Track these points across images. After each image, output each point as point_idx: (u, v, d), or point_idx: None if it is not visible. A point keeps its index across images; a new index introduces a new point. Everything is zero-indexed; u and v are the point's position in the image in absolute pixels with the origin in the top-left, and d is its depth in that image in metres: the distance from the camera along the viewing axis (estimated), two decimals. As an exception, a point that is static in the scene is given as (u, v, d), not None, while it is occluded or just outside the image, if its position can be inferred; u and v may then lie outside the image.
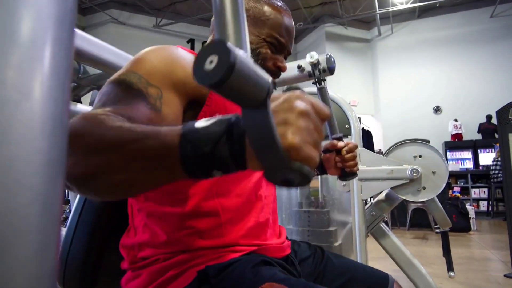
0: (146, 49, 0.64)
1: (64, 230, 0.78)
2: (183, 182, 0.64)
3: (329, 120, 1.02)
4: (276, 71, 0.77)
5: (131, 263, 0.66)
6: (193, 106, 0.63)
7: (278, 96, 0.38)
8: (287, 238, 0.84)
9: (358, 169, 0.90)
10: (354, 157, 0.88)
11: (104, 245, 0.76)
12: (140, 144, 0.40)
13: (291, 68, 1.18)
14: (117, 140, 0.40)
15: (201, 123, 0.38)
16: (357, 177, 1.57)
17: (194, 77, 0.30)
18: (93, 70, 1.18)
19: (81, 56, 0.87)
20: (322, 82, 1.05)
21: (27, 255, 0.19)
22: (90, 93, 1.65)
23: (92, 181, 0.41)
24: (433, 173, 1.50)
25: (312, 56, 1.09)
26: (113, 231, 0.76)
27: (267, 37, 0.74)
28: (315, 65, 1.07)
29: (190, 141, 0.37)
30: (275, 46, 0.76)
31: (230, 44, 0.30)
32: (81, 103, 1.49)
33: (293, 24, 0.80)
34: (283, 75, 1.26)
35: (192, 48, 7.14)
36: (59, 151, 0.20)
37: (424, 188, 1.52)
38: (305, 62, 1.13)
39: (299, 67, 1.15)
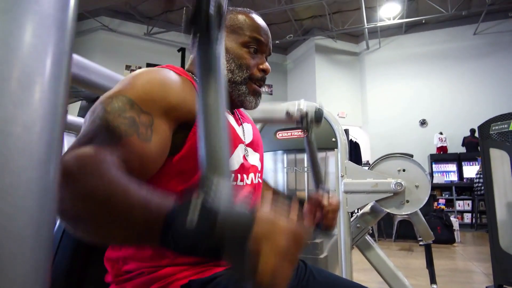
0: (139, 71, 0.65)
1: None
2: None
3: (315, 170, 1.04)
4: (261, 76, 0.81)
5: (116, 276, 0.66)
6: (183, 127, 0.65)
7: (266, 220, 0.40)
8: None
9: (334, 228, 0.89)
10: (335, 216, 0.88)
11: (88, 258, 0.76)
12: (126, 211, 0.41)
13: (280, 111, 1.20)
14: (106, 197, 0.42)
15: (187, 214, 0.39)
16: (342, 190, 1.61)
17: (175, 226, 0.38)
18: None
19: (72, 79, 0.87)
20: (310, 131, 1.07)
21: (22, 272, 0.20)
22: (79, 102, 1.65)
23: (73, 223, 0.43)
24: (416, 186, 1.54)
25: (300, 105, 1.12)
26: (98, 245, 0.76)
27: (248, 41, 0.78)
28: (303, 115, 1.10)
29: (172, 232, 0.39)
30: (256, 48, 0.79)
31: (212, 188, 0.38)
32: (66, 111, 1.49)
33: (267, 26, 0.84)
34: (273, 116, 1.27)
35: (183, 56, 7.15)
36: (52, 178, 0.22)
37: (407, 201, 1.55)
38: (294, 109, 1.16)
39: (287, 113, 1.18)
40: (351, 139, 7.07)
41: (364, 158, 7.58)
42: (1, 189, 0.19)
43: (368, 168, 1.64)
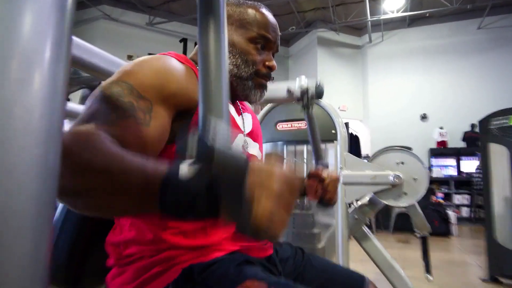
0: (140, 58, 0.65)
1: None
2: None
3: (315, 146, 1.05)
4: (267, 72, 0.80)
5: (117, 260, 0.68)
6: (183, 116, 0.65)
7: (259, 168, 0.41)
8: None
9: (336, 201, 0.91)
10: (335, 188, 0.89)
11: (90, 243, 0.77)
12: (125, 177, 0.42)
13: (281, 89, 1.20)
14: (104, 168, 0.42)
15: (184, 170, 0.40)
16: (341, 181, 1.62)
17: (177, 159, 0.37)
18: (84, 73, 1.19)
19: (73, 62, 0.88)
20: (310, 107, 1.07)
21: (23, 250, 0.21)
22: (80, 91, 1.65)
23: (73, 199, 0.44)
24: (414, 179, 1.55)
25: (301, 81, 1.11)
26: (100, 229, 0.77)
27: (255, 37, 0.77)
28: (303, 91, 1.10)
29: (170, 189, 0.40)
30: (263, 44, 0.79)
31: (209, 127, 0.38)
32: (69, 100, 1.50)
33: (276, 22, 0.83)
34: (274, 94, 1.27)
35: (185, 47, 7.12)
36: (53, 156, 0.22)
37: (405, 193, 1.56)
38: (294, 86, 1.15)
39: (288, 90, 1.17)
40: (351, 133, 7.06)
41: (364, 152, 7.58)
42: (4, 167, 0.20)
43: (368, 161, 1.65)
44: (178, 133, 0.64)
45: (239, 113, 0.84)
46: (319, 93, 1.09)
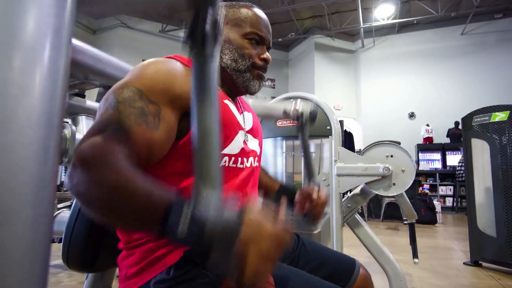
0: (147, 61, 0.64)
1: (68, 213, 0.78)
2: (175, 178, 0.65)
3: (308, 164, 1.03)
4: (263, 64, 0.80)
5: (126, 243, 0.66)
6: (189, 114, 0.64)
7: (252, 223, 0.41)
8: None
9: (320, 219, 0.89)
10: (322, 208, 0.88)
11: (104, 227, 0.76)
12: (131, 202, 0.43)
13: (278, 109, 1.19)
14: (115, 189, 0.44)
15: (181, 225, 0.41)
16: (335, 173, 1.60)
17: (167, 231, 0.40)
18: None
19: (87, 70, 0.86)
20: (304, 129, 1.06)
21: (23, 228, 0.20)
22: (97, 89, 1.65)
23: (85, 205, 0.45)
24: (402, 171, 1.52)
25: (297, 106, 1.09)
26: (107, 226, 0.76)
27: (249, 35, 0.77)
28: (298, 115, 1.08)
29: (169, 231, 0.41)
30: (256, 41, 0.78)
31: (201, 201, 0.40)
32: (84, 96, 1.50)
33: (267, 19, 0.82)
34: (271, 113, 1.25)
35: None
36: (53, 139, 0.21)
37: (394, 184, 1.54)
38: (290, 109, 1.14)
39: (284, 112, 1.17)
40: (345, 130, 7.02)
41: (357, 147, 7.54)
42: (4, 147, 0.19)
43: (359, 154, 1.63)
44: (184, 130, 0.64)
45: (240, 111, 0.82)
46: (312, 118, 1.08)
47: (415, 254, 1.73)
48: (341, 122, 6.35)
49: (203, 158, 0.43)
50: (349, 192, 1.76)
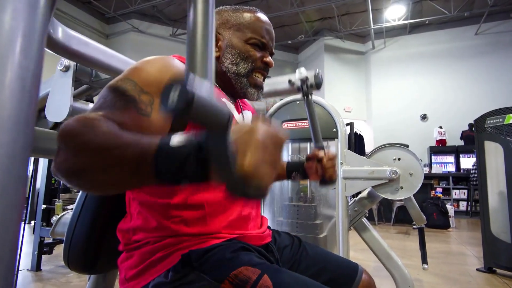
0: (145, 59, 0.65)
1: (70, 215, 0.79)
2: None
3: (314, 130, 1.02)
4: (264, 67, 0.80)
5: (126, 245, 0.67)
6: None
7: (243, 127, 0.41)
8: (269, 228, 0.84)
9: (336, 177, 0.88)
10: (334, 165, 0.87)
11: (104, 230, 0.77)
12: (121, 151, 0.41)
13: (283, 82, 1.18)
14: (103, 145, 0.42)
15: (175, 139, 0.40)
16: (341, 176, 1.58)
17: (160, 106, 0.33)
18: (104, 75, 1.20)
19: (91, 63, 0.87)
20: (310, 95, 1.05)
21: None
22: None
23: (77, 177, 0.43)
24: (410, 174, 1.49)
25: (301, 72, 1.09)
26: (114, 218, 0.77)
27: (251, 39, 0.77)
28: (303, 80, 1.07)
29: (164, 156, 0.39)
30: (259, 46, 0.78)
31: (192, 79, 0.34)
32: (93, 102, 1.52)
33: (271, 24, 0.82)
34: (276, 87, 1.25)
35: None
36: (22, 144, 0.21)
37: (402, 187, 1.51)
38: (295, 77, 1.13)
39: (289, 81, 1.15)
40: (355, 132, 6.94)
41: (367, 150, 7.45)
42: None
43: (366, 157, 1.60)
44: (180, 127, 0.62)
45: (239, 111, 0.82)
46: (318, 83, 1.07)
47: (424, 260, 1.69)
48: (352, 124, 6.29)
49: (195, 44, 0.41)
50: (356, 195, 1.73)
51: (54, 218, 2.32)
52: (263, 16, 0.80)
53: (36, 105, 0.23)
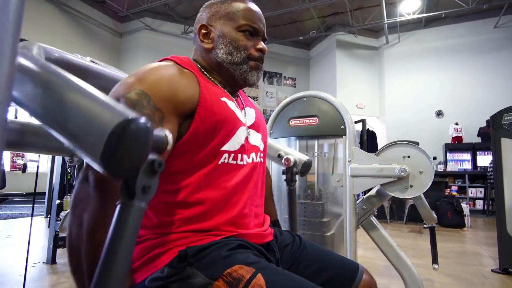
0: (149, 67, 0.65)
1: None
2: (175, 177, 0.66)
3: (291, 218, 1.01)
4: (259, 55, 0.79)
5: (126, 242, 0.68)
6: (187, 117, 0.66)
7: None
8: (271, 226, 0.84)
9: None
10: None
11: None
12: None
13: (275, 151, 1.15)
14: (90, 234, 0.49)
15: None
16: (349, 174, 1.55)
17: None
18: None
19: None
20: (292, 184, 1.02)
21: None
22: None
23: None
24: (420, 172, 1.46)
25: (289, 158, 1.05)
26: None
27: (242, 27, 0.76)
28: (289, 168, 1.04)
29: None
30: (250, 33, 0.78)
31: None
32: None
33: (260, 11, 0.81)
34: (268, 151, 1.20)
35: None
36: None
37: (411, 186, 1.47)
38: (283, 160, 1.09)
39: (279, 155, 1.12)
40: (368, 128, 6.83)
41: (380, 147, 7.32)
42: None
43: (375, 154, 1.57)
44: (183, 132, 0.65)
45: (241, 107, 0.81)
46: (303, 171, 1.04)
47: (435, 260, 1.65)
48: (364, 121, 6.19)
49: None
50: (364, 193, 1.70)
51: (63, 214, 2.38)
52: (251, 3, 0.80)
53: (8, 100, 0.23)
